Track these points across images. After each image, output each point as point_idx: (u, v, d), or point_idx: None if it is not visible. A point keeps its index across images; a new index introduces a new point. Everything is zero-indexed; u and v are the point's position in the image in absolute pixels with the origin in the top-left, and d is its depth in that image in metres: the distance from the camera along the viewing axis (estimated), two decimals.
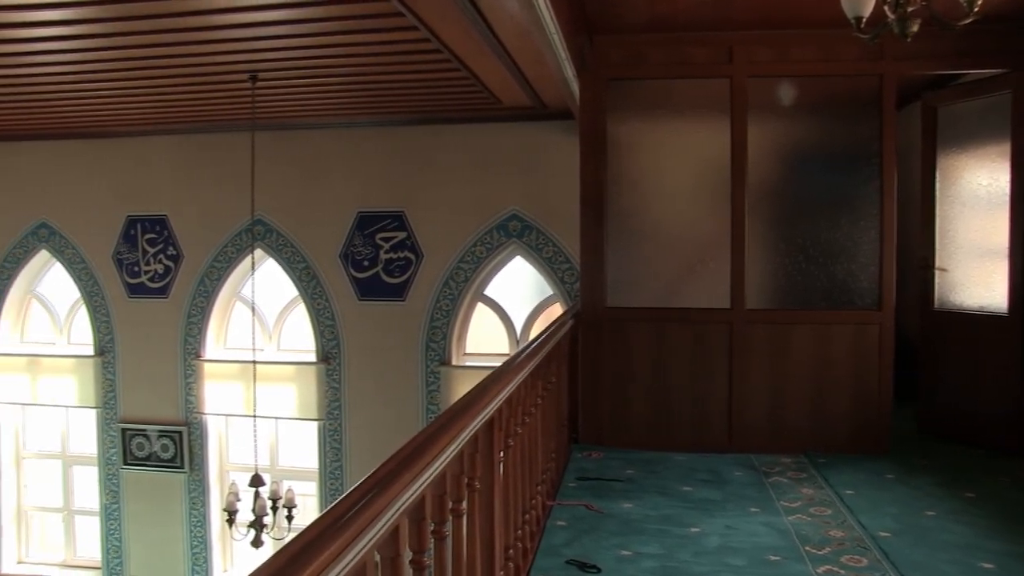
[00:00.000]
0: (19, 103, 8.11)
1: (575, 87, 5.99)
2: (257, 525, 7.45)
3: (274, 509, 7.68)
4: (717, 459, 5.42)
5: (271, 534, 7.68)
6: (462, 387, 8.90)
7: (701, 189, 5.89)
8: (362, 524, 1.49)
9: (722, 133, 5.67)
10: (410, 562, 1.91)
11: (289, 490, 7.80)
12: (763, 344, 5.65)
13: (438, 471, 2.07)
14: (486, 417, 2.64)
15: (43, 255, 10.64)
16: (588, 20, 5.57)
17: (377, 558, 1.70)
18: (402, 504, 1.75)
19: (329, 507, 1.50)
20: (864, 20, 3.58)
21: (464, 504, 2.48)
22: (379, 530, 1.59)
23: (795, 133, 5.84)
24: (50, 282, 10.91)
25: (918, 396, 6.31)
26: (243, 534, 7.61)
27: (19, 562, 10.91)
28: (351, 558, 1.42)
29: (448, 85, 7.33)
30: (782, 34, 5.55)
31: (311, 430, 9.72)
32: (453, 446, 2.21)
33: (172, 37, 5.83)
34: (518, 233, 8.91)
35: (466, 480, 2.49)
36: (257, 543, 7.49)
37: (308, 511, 9.37)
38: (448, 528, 2.27)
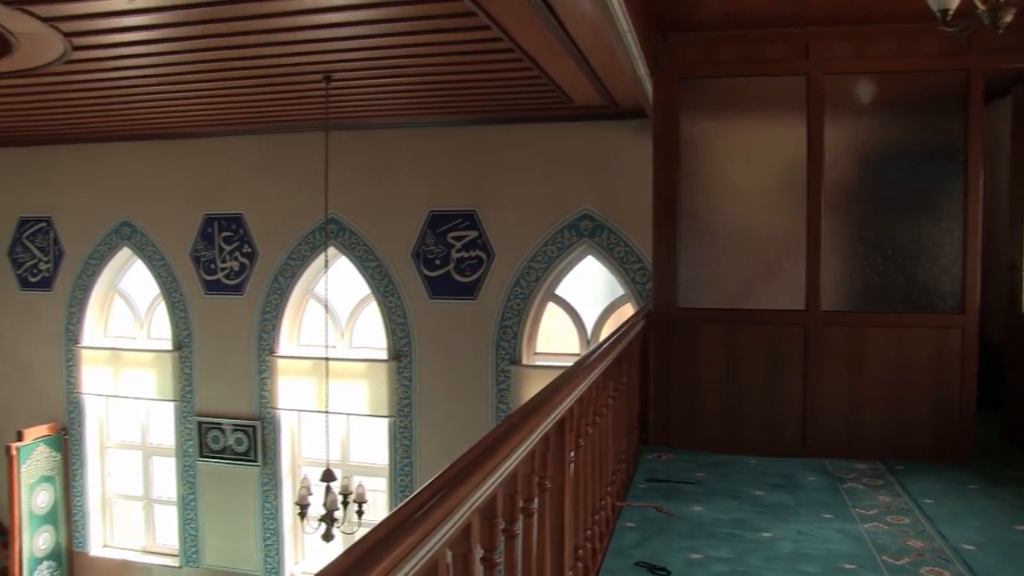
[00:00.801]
0: (104, 106, 8.35)
1: (648, 86, 5.92)
2: (328, 519, 7.55)
3: (345, 504, 7.78)
4: (789, 463, 5.31)
5: (341, 528, 7.77)
6: (532, 386, 8.89)
7: (776, 189, 5.77)
8: (434, 521, 1.49)
9: (798, 132, 5.55)
10: (480, 559, 1.91)
11: (360, 485, 7.89)
12: (839, 347, 5.52)
13: (509, 470, 2.07)
14: (557, 417, 2.63)
15: (125, 252, 10.94)
16: (661, 18, 5.51)
17: (448, 555, 1.70)
18: (474, 502, 1.75)
19: (402, 503, 1.50)
20: (951, 12, 3.46)
21: (534, 503, 2.47)
22: (451, 527, 1.59)
23: (874, 131, 5.68)
24: (131, 278, 11.21)
25: (1003, 404, 6.11)
26: (314, 528, 7.73)
27: (104, 546, 11.28)
28: (424, 554, 1.43)
29: (520, 84, 7.32)
30: (861, 29, 5.41)
31: (382, 427, 9.81)
32: (524, 445, 2.20)
33: (249, 39, 5.93)
34: (589, 232, 8.86)
35: (537, 479, 2.48)
36: (328, 537, 7.58)
37: (378, 507, 9.47)
38: (518, 527, 2.27)
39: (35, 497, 10.64)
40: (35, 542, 10.62)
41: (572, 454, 3.01)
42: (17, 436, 10.52)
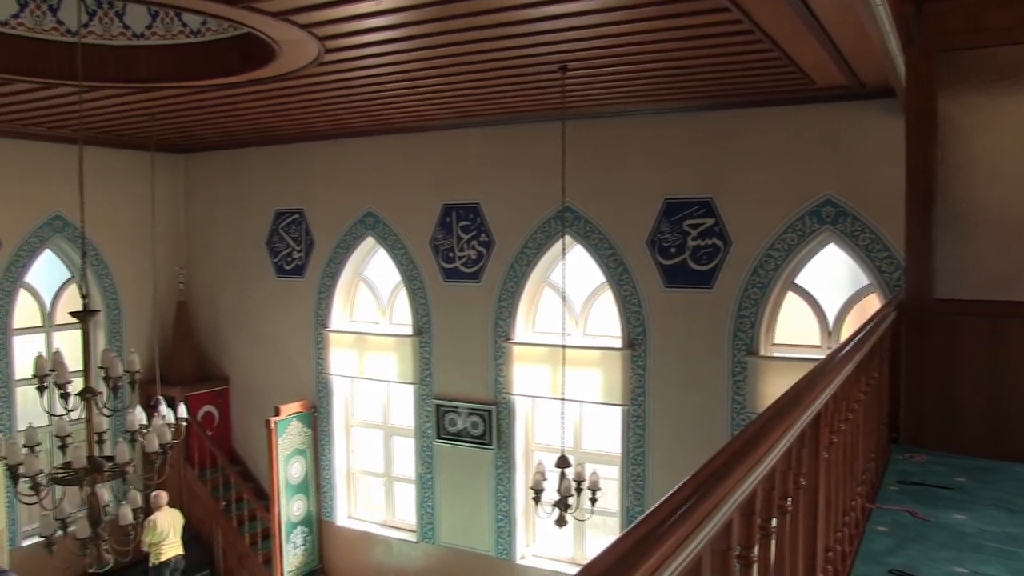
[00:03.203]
0: (352, 103, 8.81)
1: (899, 62, 5.54)
2: (562, 505, 7.65)
3: (578, 490, 7.85)
4: None
5: (574, 515, 7.85)
6: (770, 379, 8.62)
7: None
8: (701, 516, 1.45)
9: None
10: (737, 557, 1.85)
11: (594, 473, 7.93)
12: None
13: (769, 465, 1.99)
14: (814, 412, 2.51)
15: (369, 241, 11.49)
16: None
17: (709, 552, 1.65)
18: (737, 498, 1.69)
19: (665, 497, 1.47)
20: None
21: (789, 501, 2.38)
22: (715, 524, 1.55)
23: None
24: (375, 266, 11.76)
25: None
26: (548, 512, 7.85)
27: (349, 517, 12.01)
28: (691, 550, 1.39)
29: (758, 67, 7.07)
30: None
31: (614, 415, 9.81)
32: (785, 440, 2.11)
33: (486, 33, 6.06)
34: (832, 220, 8.42)
35: (792, 476, 2.38)
36: (561, 522, 7.69)
37: (610, 495, 9.49)
38: (773, 525, 2.19)
39: (290, 467, 11.48)
40: (291, 508, 11.48)
41: (825, 452, 2.88)
42: (275, 411, 11.37)
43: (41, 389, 5.81)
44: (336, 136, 11.14)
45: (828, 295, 8.91)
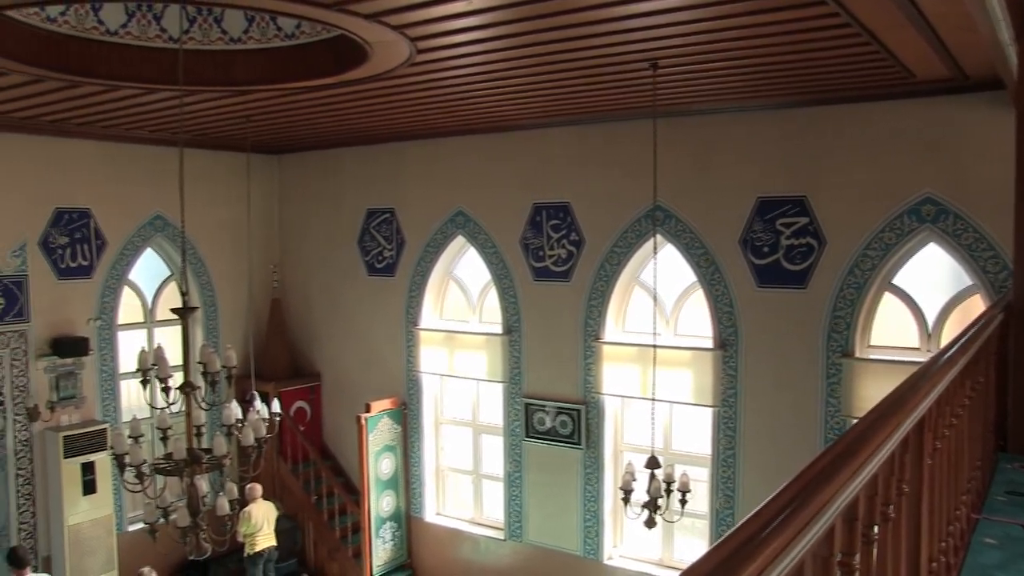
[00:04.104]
0: (442, 103, 8.87)
1: (1011, 52, 5.30)
2: (651, 506, 7.58)
3: (668, 492, 7.77)
4: None
5: (663, 516, 7.77)
6: (866, 381, 8.39)
7: None
8: (804, 520, 1.41)
9: None
10: (838, 564, 1.80)
11: (684, 474, 7.83)
12: None
13: (872, 471, 1.92)
14: (918, 416, 2.42)
15: (459, 240, 11.56)
16: None
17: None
18: (840, 503, 1.64)
19: (768, 499, 1.43)
20: None
21: (891, 508, 2.30)
22: (819, 528, 1.50)
23: None
24: (465, 265, 11.83)
25: None
26: (637, 514, 7.79)
27: (437, 513, 12.14)
28: (794, 554, 1.35)
29: (856, 61, 6.87)
30: None
31: (704, 415, 9.68)
32: (888, 444, 2.04)
33: (577, 31, 6.02)
34: (932, 218, 8.12)
35: (895, 483, 2.30)
36: (651, 524, 7.62)
37: (700, 497, 9.36)
38: (875, 532, 2.11)
39: (380, 464, 11.65)
40: (380, 504, 11.65)
41: (929, 458, 2.78)
42: (365, 408, 11.55)
43: (144, 383, 6.02)
44: (427, 136, 11.25)
45: (928, 296, 8.61)
